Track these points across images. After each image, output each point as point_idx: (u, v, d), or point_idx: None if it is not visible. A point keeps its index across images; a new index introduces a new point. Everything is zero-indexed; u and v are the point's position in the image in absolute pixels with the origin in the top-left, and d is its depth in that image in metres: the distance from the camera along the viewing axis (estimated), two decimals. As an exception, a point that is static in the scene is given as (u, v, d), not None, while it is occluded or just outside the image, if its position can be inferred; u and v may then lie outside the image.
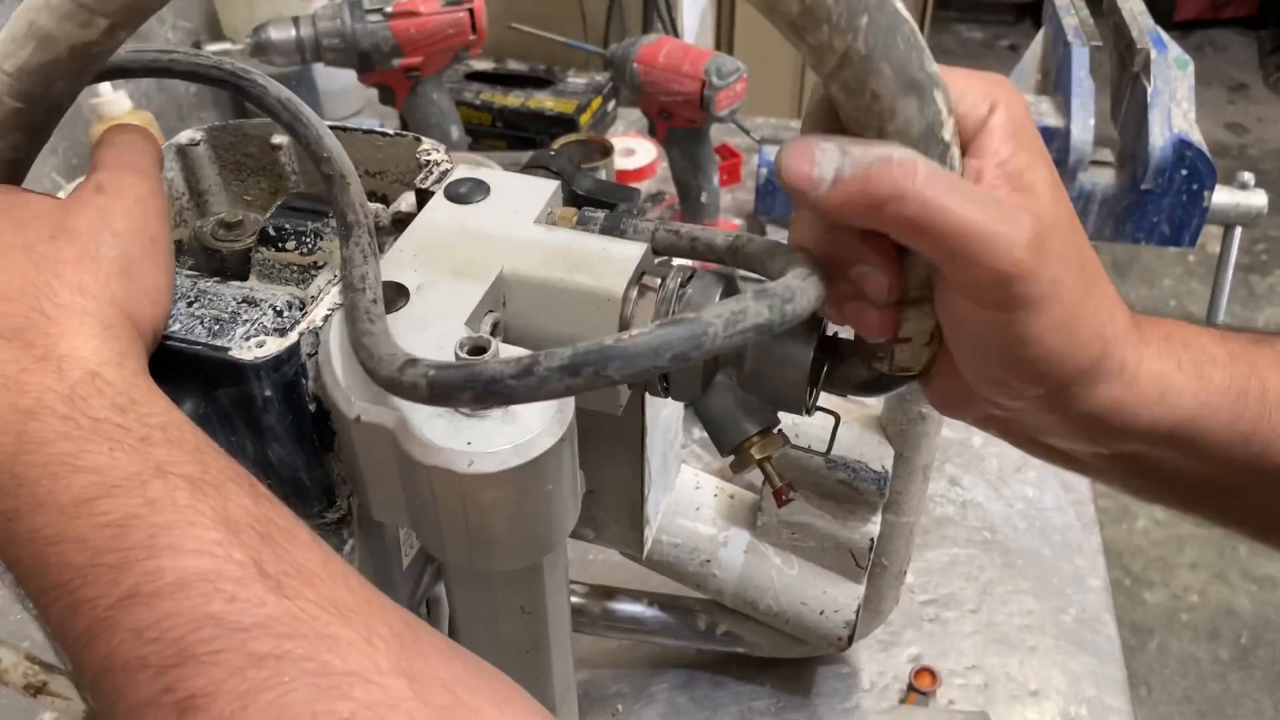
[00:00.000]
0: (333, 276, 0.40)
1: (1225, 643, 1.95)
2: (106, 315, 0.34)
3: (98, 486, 0.30)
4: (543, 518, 0.37)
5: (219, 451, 0.33)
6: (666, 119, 1.11)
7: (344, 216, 0.40)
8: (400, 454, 0.36)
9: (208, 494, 0.30)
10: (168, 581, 0.29)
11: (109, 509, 0.30)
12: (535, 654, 0.44)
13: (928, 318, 0.38)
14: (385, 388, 0.34)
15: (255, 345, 0.36)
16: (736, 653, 0.76)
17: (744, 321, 0.32)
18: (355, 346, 0.35)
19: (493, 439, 0.34)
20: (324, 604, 0.29)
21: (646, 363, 0.31)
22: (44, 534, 0.30)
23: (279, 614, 0.29)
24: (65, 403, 0.31)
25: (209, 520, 0.30)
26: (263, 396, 0.37)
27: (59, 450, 0.30)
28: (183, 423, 0.33)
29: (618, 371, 0.31)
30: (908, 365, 0.39)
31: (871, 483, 0.62)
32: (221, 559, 0.29)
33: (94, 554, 0.29)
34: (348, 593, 0.30)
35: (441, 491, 0.35)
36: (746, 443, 0.49)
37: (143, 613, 0.28)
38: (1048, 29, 1.25)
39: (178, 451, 0.31)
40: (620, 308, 0.41)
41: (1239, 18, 3.86)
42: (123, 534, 0.29)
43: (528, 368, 0.31)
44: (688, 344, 0.31)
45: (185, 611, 0.28)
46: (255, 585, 0.29)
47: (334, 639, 0.29)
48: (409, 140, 0.47)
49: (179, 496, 0.30)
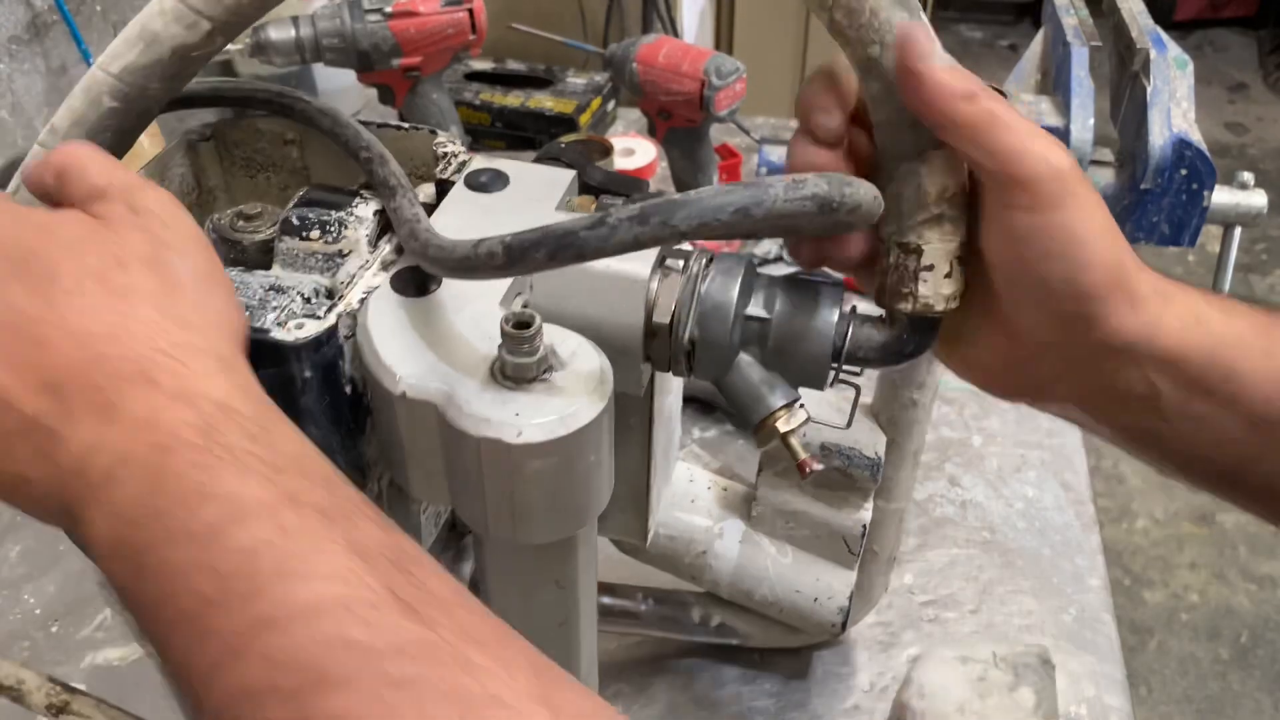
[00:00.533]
0: (364, 261, 0.41)
1: (1225, 642, 1.95)
2: (217, 346, 0.34)
3: (230, 515, 0.30)
4: (583, 489, 0.38)
5: (346, 481, 0.33)
6: (666, 119, 1.11)
7: (386, 183, 0.42)
8: (445, 428, 0.36)
9: (338, 522, 0.30)
10: (301, 607, 0.28)
11: (240, 537, 0.29)
12: (566, 629, 0.45)
13: (950, 237, 0.38)
14: (461, 266, 0.36)
15: (295, 327, 0.37)
16: (732, 645, 0.76)
17: (803, 189, 0.34)
18: (424, 250, 0.37)
19: (540, 409, 0.35)
20: (459, 631, 0.29)
21: (711, 215, 0.33)
22: (174, 564, 0.29)
23: (416, 639, 0.28)
24: (201, 434, 0.31)
25: (341, 548, 0.30)
26: (302, 378, 0.37)
27: (193, 480, 0.30)
28: (312, 452, 0.33)
29: (684, 222, 0.33)
30: (930, 301, 0.40)
31: (865, 469, 0.63)
32: (356, 585, 0.29)
33: (224, 582, 0.29)
34: (481, 621, 0.30)
35: (489, 463, 0.36)
36: (771, 417, 0.50)
37: (275, 639, 0.28)
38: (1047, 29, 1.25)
39: (308, 480, 0.31)
40: (646, 289, 0.41)
41: (1238, 17, 3.86)
42: (254, 561, 0.29)
43: (599, 219, 0.34)
44: (750, 200, 0.33)
45: (320, 636, 0.28)
46: (390, 611, 0.29)
47: (472, 665, 0.28)
48: (424, 134, 0.48)
49: (310, 524, 0.30)
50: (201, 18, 0.38)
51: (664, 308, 0.42)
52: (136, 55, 0.38)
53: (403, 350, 0.37)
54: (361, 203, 0.42)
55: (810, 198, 0.34)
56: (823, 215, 0.34)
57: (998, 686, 0.60)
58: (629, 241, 0.34)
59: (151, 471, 0.30)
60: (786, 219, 0.34)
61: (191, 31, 0.38)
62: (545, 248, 0.34)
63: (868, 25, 0.36)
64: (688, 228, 0.33)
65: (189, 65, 0.39)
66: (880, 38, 0.36)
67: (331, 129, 0.45)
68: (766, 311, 0.43)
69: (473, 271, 0.36)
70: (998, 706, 0.59)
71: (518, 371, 0.36)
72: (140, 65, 0.38)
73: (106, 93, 0.38)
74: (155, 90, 0.39)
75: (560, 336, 0.38)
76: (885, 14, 0.36)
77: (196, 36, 0.38)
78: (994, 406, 1.04)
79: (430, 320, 0.39)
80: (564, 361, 0.37)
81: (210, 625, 0.29)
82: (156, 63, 0.38)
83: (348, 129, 0.45)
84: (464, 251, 0.36)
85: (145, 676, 0.78)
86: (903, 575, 0.86)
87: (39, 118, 1.11)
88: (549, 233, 0.34)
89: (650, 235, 0.33)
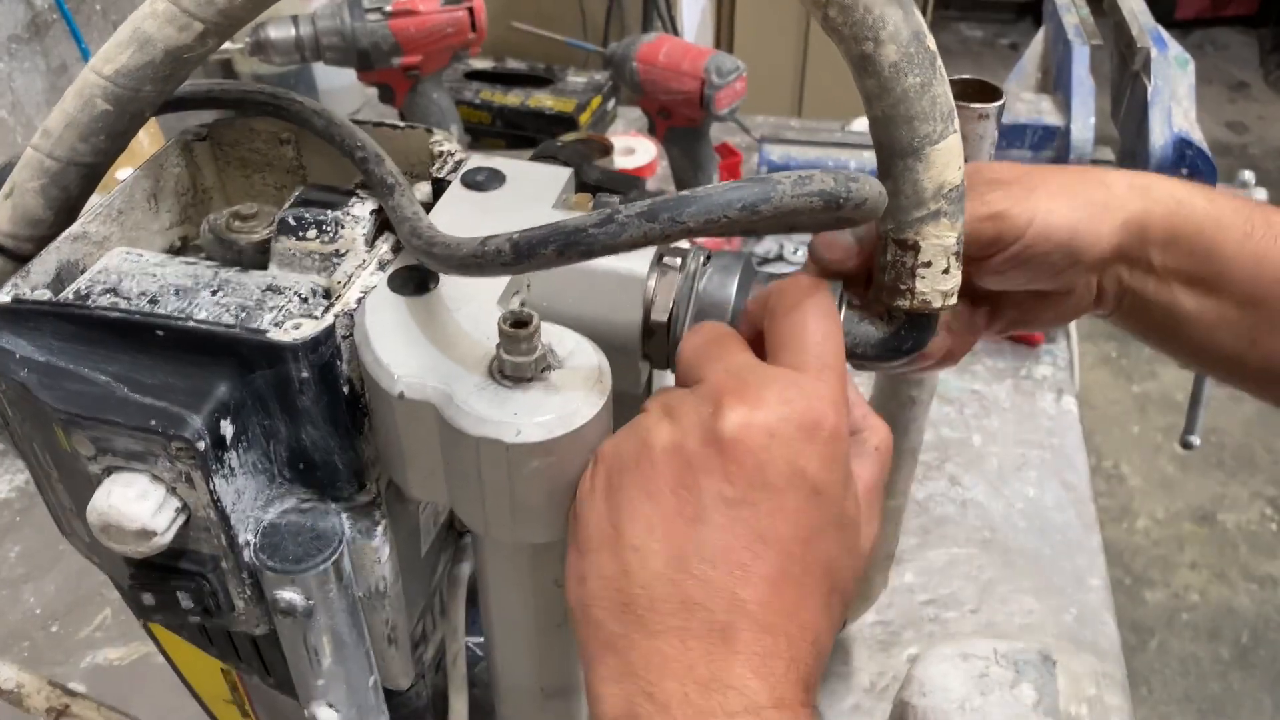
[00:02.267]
0: (361, 261, 0.41)
1: (1226, 642, 1.94)
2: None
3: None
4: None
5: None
6: (666, 118, 1.10)
7: (384, 182, 0.42)
8: (444, 428, 0.36)
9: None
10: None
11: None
12: (564, 629, 0.44)
13: (947, 233, 0.39)
14: (468, 264, 0.35)
15: (292, 327, 0.37)
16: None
17: (810, 185, 0.33)
18: (428, 248, 0.37)
19: (538, 409, 0.35)
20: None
21: (720, 210, 0.33)
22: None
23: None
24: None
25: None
26: (300, 378, 0.37)
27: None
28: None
29: (693, 218, 0.33)
30: (928, 297, 0.40)
31: None
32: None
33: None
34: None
35: (487, 463, 0.36)
36: None
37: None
38: (1048, 27, 1.25)
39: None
40: (644, 287, 0.41)
41: (1239, 16, 3.85)
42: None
43: (608, 217, 0.33)
44: (758, 197, 0.33)
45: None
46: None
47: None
48: (420, 132, 0.48)
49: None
50: (194, 19, 0.37)
51: (662, 305, 0.42)
52: (129, 58, 0.38)
53: (401, 350, 0.37)
54: (358, 202, 0.42)
55: (817, 193, 0.34)
56: (829, 211, 0.34)
57: (999, 683, 0.60)
58: (638, 238, 0.33)
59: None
60: (793, 215, 0.34)
61: (184, 33, 0.37)
62: (554, 244, 0.34)
63: (861, 21, 0.36)
64: (696, 224, 0.33)
65: (182, 67, 0.39)
66: (874, 34, 0.36)
67: (326, 129, 0.45)
68: None
69: (480, 269, 0.36)
70: (999, 703, 0.59)
71: (516, 370, 0.36)
72: (133, 67, 0.38)
73: (99, 95, 0.38)
74: (148, 92, 0.39)
75: (558, 335, 0.38)
76: (879, 10, 0.36)
77: (189, 38, 0.38)
78: (994, 406, 1.03)
79: (428, 319, 0.39)
80: (562, 360, 0.37)
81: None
82: (149, 65, 0.38)
83: (342, 129, 0.45)
84: (471, 248, 0.35)
85: (145, 676, 0.78)
86: (903, 574, 0.86)
87: (39, 116, 1.11)
88: (558, 229, 0.34)
89: (659, 232, 0.33)
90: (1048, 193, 0.46)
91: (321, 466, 0.40)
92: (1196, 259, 0.47)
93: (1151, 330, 0.51)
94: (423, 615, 0.49)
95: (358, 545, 0.40)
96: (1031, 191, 0.46)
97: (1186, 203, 0.47)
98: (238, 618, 0.40)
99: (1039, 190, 0.46)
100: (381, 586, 0.42)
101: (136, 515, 0.35)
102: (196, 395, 0.36)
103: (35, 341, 0.37)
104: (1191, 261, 0.47)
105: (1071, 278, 0.48)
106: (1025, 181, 0.47)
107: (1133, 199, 0.47)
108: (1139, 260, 0.48)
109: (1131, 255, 0.48)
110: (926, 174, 0.38)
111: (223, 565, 0.38)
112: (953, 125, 0.38)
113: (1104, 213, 0.46)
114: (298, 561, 0.38)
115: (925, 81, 0.37)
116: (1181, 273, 0.47)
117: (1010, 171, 0.48)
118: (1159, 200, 0.47)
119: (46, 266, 0.39)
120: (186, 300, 0.38)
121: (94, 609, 0.83)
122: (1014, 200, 0.45)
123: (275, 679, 0.45)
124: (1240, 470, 2.26)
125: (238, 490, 0.37)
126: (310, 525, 0.39)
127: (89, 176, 0.40)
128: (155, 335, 0.37)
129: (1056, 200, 0.46)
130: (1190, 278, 0.47)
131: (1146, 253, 0.47)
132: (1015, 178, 0.47)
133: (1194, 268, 0.47)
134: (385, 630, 0.44)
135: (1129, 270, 0.48)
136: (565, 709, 0.49)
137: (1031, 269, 0.47)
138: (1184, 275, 0.48)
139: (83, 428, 0.35)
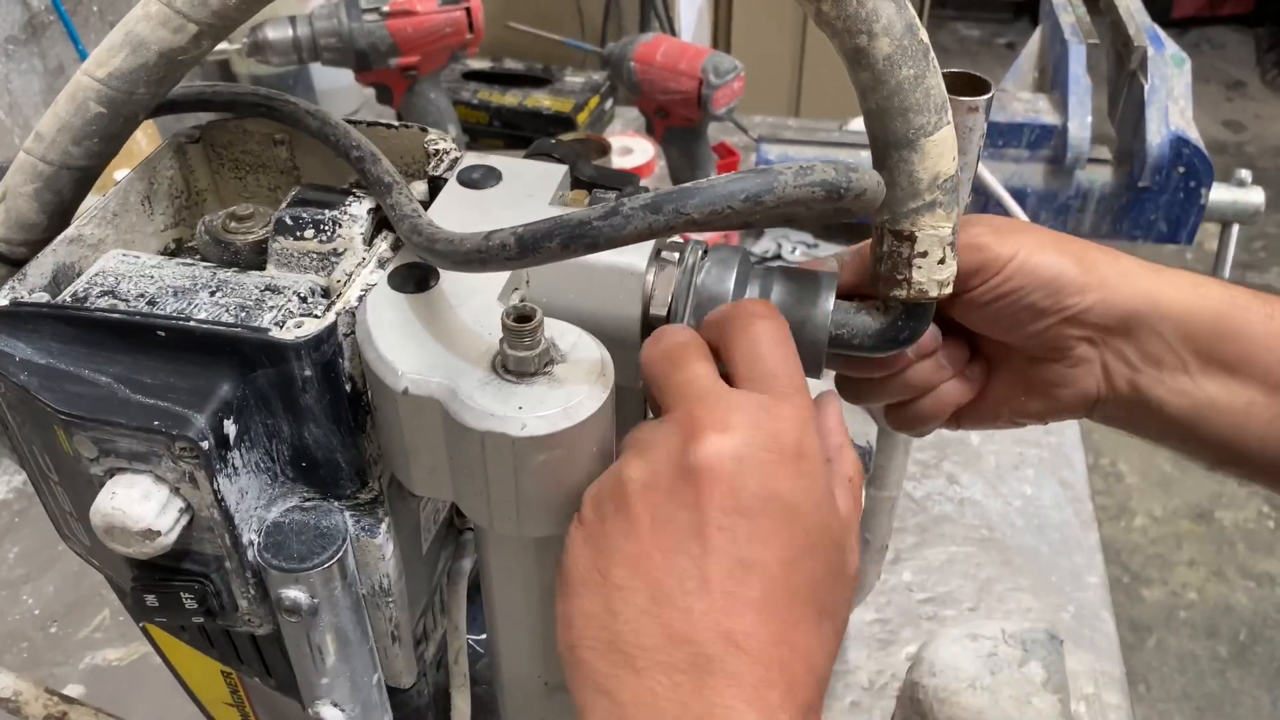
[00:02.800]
0: (360, 259, 0.41)
1: (1224, 640, 1.95)
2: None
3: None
4: (586, 481, 0.38)
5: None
6: (664, 117, 1.11)
7: (381, 180, 0.42)
8: (449, 423, 0.36)
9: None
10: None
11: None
12: None
13: (943, 223, 0.39)
14: (472, 259, 0.36)
15: (294, 326, 0.37)
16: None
17: (812, 176, 0.34)
18: (430, 244, 0.37)
19: (543, 402, 0.35)
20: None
21: (724, 202, 0.33)
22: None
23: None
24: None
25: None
26: (302, 376, 0.37)
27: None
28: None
29: (697, 210, 0.33)
30: (925, 287, 0.40)
31: None
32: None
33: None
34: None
35: (493, 457, 0.36)
36: None
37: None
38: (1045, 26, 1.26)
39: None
40: (643, 281, 0.42)
41: (1236, 15, 3.86)
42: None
43: (613, 209, 0.33)
44: (761, 188, 0.33)
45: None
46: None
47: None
48: (415, 131, 0.48)
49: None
50: (188, 21, 0.37)
51: (661, 299, 0.42)
52: (122, 60, 0.38)
53: (403, 346, 0.37)
54: (355, 201, 0.42)
55: (819, 184, 0.34)
56: (829, 201, 0.34)
57: (1007, 662, 0.60)
58: (643, 230, 0.33)
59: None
60: (795, 205, 0.34)
61: (178, 35, 0.37)
62: (559, 237, 0.34)
63: (855, 15, 0.36)
64: (700, 215, 0.33)
65: (175, 69, 0.39)
66: (868, 27, 0.36)
67: (320, 130, 0.45)
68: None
69: (484, 263, 0.36)
70: (1008, 681, 0.59)
71: (519, 365, 0.36)
72: (126, 70, 0.38)
73: (92, 98, 0.38)
74: (142, 95, 0.39)
75: (560, 329, 0.38)
76: (873, 4, 0.36)
77: (183, 40, 0.37)
78: (992, 404, 1.04)
79: (430, 316, 0.39)
80: (565, 354, 0.37)
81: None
82: (142, 67, 0.38)
83: (337, 129, 0.45)
84: (475, 243, 0.36)
85: (144, 677, 0.78)
86: (901, 573, 0.87)
87: (36, 117, 1.11)
88: (562, 222, 0.34)
89: (664, 224, 0.33)
90: (1034, 236, 0.45)
91: (324, 464, 0.40)
92: (1221, 342, 0.44)
93: (1172, 425, 0.46)
94: (424, 612, 0.49)
95: (361, 543, 0.40)
96: (1015, 231, 0.45)
97: (1204, 286, 0.45)
98: (241, 618, 0.40)
99: (1024, 233, 0.45)
100: (385, 584, 0.42)
101: (140, 516, 0.35)
102: (199, 395, 0.36)
103: (34, 344, 0.37)
104: (1215, 345, 0.44)
105: (1063, 332, 0.45)
106: (1011, 226, 0.46)
107: (1142, 274, 0.45)
108: (1152, 340, 0.45)
109: (1142, 334, 0.45)
110: (921, 165, 0.38)
111: (226, 565, 0.38)
112: (946, 117, 0.38)
113: (1093, 270, 0.44)
114: (302, 560, 0.38)
115: (919, 74, 0.37)
116: (1203, 356, 0.44)
117: (996, 219, 0.47)
118: (1174, 283, 0.45)
119: (43, 269, 0.40)
120: (185, 301, 0.38)
121: (93, 609, 0.83)
122: (998, 237, 0.44)
123: (277, 680, 0.45)
124: (1237, 468, 2.26)
125: (241, 490, 0.37)
126: (314, 523, 0.39)
127: (82, 180, 0.40)
128: (156, 336, 0.37)
129: (1044, 245, 0.45)
130: (1212, 361, 0.44)
131: (1160, 329, 0.45)
132: (1006, 223, 0.46)
133: (1215, 349, 0.44)
134: (389, 628, 0.44)
135: (1137, 352, 0.45)
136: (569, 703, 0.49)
137: (1014, 309, 0.45)
138: (1204, 358, 0.44)
139: (85, 429, 0.35)
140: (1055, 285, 0.44)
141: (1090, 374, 0.46)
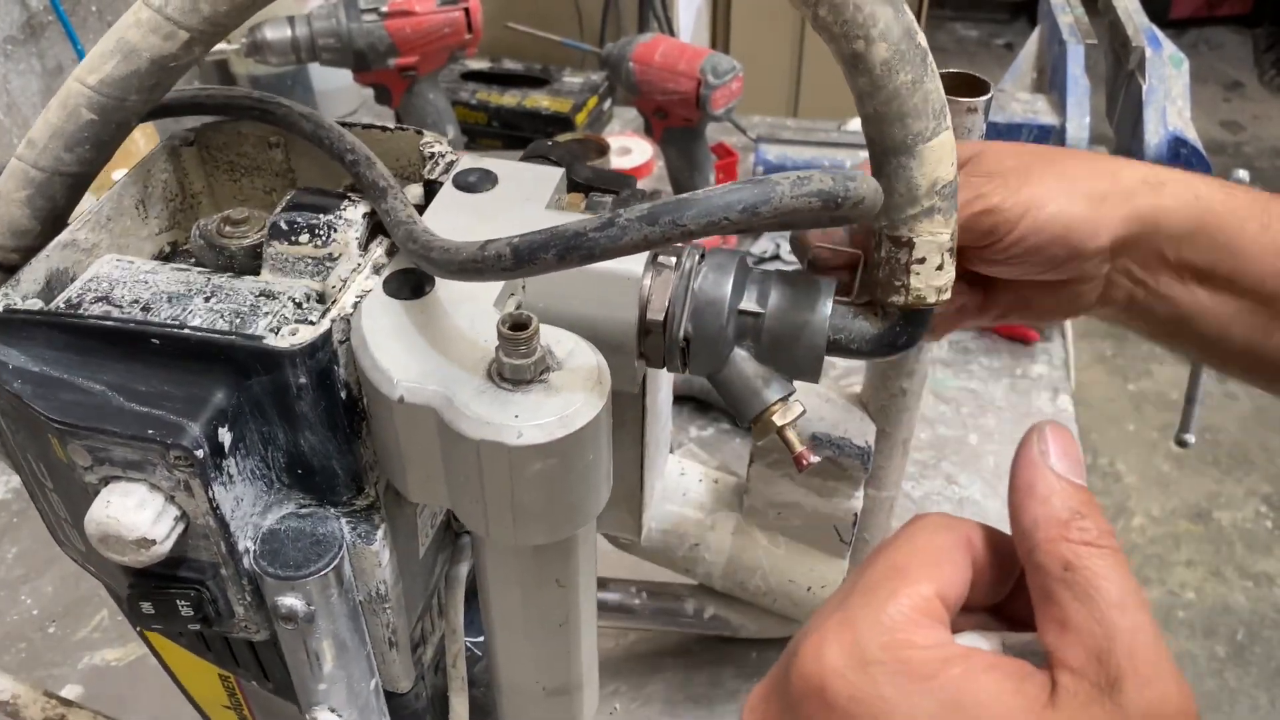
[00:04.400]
0: (355, 265, 0.41)
1: (1221, 639, 1.95)
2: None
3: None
4: (583, 488, 0.38)
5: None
6: (663, 118, 1.10)
7: (375, 185, 0.42)
8: (445, 431, 0.36)
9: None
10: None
11: None
12: (566, 628, 0.45)
13: (941, 229, 0.39)
14: (467, 269, 0.36)
15: (289, 333, 0.37)
16: (730, 643, 0.76)
17: (809, 185, 0.34)
18: (426, 252, 0.37)
19: (539, 410, 0.35)
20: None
21: (720, 213, 0.33)
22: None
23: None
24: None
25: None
26: (297, 384, 0.37)
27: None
28: None
29: (693, 221, 0.33)
30: (923, 293, 0.40)
31: (855, 458, 0.63)
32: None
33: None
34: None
35: (489, 465, 0.36)
36: (767, 412, 0.50)
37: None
38: (1043, 27, 1.25)
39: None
40: (639, 286, 0.41)
41: (1234, 15, 3.86)
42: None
43: (609, 220, 0.33)
44: (758, 198, 0.33)
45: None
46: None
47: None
48: (410, 134, 0.48)
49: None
50: (179, 28, 0.37)
51: (658, 305, 0.42)
52: (113, 67, 0.37)
53: (399, 354, 0.37)
54: (350, 205, 0.42)
55: (816, 193, 0.34)
56: (827, 210, 0.34)
57: None
58: (639, 241, 0.33)
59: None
60: (792, 215, 0.34)
61: (169, 42, 0.37)
62: (554, 249, 0.34)
63: (852, 20, 0.36)
64: (697, 226, 0.33)
65: (167, 75, 0.38)
66: (865, 32, 0.36)
67: (314, 133, 0.45)
68: (760, 306, 0.43)
69: (479, 274, 0.36)
70: None
71: (515, 373, 0.36)
72: (118, 77, 0.37)
73: (84, 105, 0.38)
74: (134, 101, 0.38)
75: (556, 336, 0.38)
76: (870, 8, 0.36)
77: (174, 47, 0.37)
78: (990, 405, 1.04)
79: (425, 323, 0.39)
80: (561, 361, 0.37)
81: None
82: (134, 74, 0.37)
83: (331, 132, 0.44)
84: (470, 253, 0.35)
85: (143, 677, 0.78)
86: (900, 574, 0.86)
87: (34, 117, 1.11)
88: (558, 234, 0.34)
89: (660, 235, 0.33)
90: (1045, 184, 0.46)
91: (320, 471, 0.39)
92: (1216, 254, 0.46)
93: (1160, 327, 0.50)
94: (421, 616, 0.49)
95: (358, 549, 0.40)
96: (1027, 182, 0.45)
97: (1205, 196, 0.46)
98: (238, 624, 0.40)
99: (1035, 181, 0.46)
100: (382, 590, 0.42)
101: (135, 524, 0.35)
102: (193, 403, 0.36)
103: (28, 351, 0.37)
104: (1210, 256, 0.46)
105: (1076, 268, 0.47)
106: (1024, 171, 0.46)
107: (1144, 193, 0.46)
108: (1150, 254, 0.47)
109: (1141, 249, 0.47)
110: (920, 171, 0.38)
111: (222, 572, 0.38)
112: (945, 122, 0.38)
113: (1103, 205, 0.46)
114: (298, 567, 0.38)
115: (917, 79, 0.37)
116: (1198, 267, 0.47)
117: (1013, 158, 0.47)
118: (1175, 195, 0.46)
119: (36, 275, 0.39)
120: (180, 307, 0.38)
121: (91, 610, 0.83)
122: (1008, 192, 0.45)
123: (274, 684, 0.45)
124: (1236, 468, 2.27)
125: (236, 497, 0.37)
126: (310, 531, 0.39)
127: (75, 186, 0.40)
128: (150, 343, 0.36)
129: (1053, 192, 0.45)
130: (1207, 273, 0.47)
131: (1159, 247, 0.47)
132: (1014, 166, 0.47)
133: (1212, 263, 0.46)
134: (386, 633, 0.44)
135: (1139, 265, 0.48)
136: (567, 706, 0.49)
137: (1030, 261, 0.46)
138: (1200, 270, 0.47)
139: (79, 438, 0.35)
140: (1067, 236, 0.46)
141: (1093, 290, 0.49)
